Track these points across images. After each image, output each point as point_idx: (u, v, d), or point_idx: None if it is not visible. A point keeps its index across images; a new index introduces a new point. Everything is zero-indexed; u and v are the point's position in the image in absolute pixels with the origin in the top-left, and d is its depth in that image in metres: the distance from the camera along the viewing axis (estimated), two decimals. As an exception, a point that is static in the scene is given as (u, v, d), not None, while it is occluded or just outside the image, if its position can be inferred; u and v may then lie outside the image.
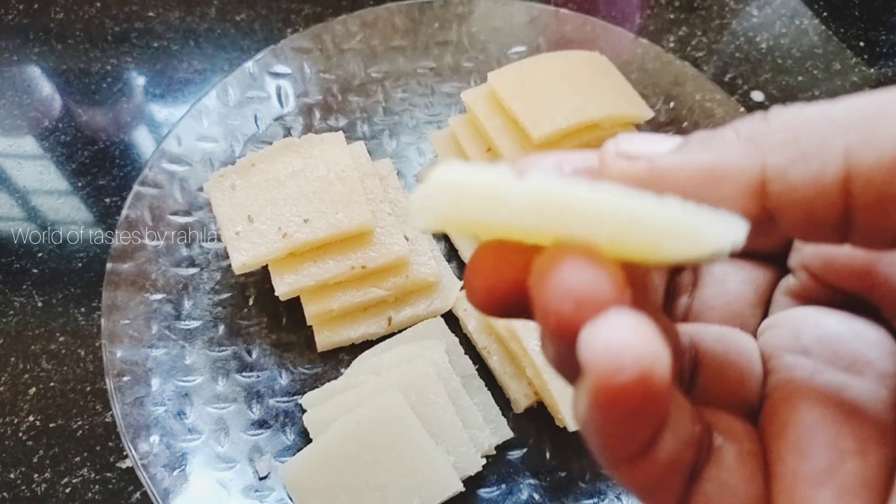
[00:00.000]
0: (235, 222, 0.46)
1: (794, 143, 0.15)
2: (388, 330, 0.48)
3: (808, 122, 0.15)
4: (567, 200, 0.16)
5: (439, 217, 0.16)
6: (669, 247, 0.15)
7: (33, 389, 0.46)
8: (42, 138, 0.57)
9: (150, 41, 0.64)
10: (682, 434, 0.17)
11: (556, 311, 0.16)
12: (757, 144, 0.16)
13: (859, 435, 0.17)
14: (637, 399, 0.14)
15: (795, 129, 0.15)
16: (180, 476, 0.42)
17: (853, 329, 0.20)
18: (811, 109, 0.16)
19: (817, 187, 0.15)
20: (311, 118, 0.58)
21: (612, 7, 0.69)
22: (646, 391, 0.14)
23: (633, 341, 0.14)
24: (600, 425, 0.15)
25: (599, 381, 0.14)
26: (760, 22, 0.69)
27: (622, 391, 0.14)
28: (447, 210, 0.15)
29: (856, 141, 0.15)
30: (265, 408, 0.46)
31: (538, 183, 0.16)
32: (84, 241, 0.52)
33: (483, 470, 0.42)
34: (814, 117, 0.15)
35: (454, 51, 0.61)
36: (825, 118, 0.15)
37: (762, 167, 0.16)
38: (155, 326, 0.47)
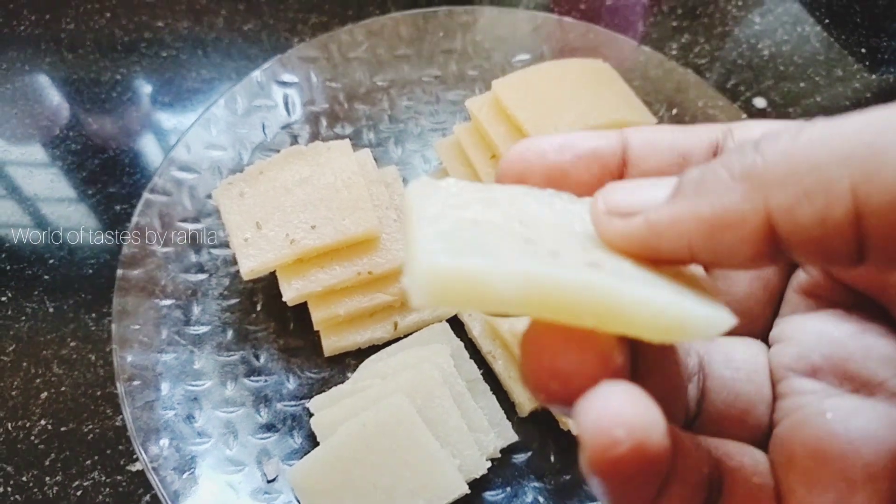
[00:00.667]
0: (244, 229, 0.47)
1: (795, 179, 0.14)
2: (395, 335, 0.49)
3: (806, 155, 0.14)
4: (552, 288, 0.16)
5: (435, 301, 0.16)
6: (654, 333, 0.16)
7: (45, 394, 0.47)
8: (52, 147, 0.58)
9: (159, 50, 0.65)
10: (690, 481, 0.17)
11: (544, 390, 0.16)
12: (755, 184, 0.15)
13: (869, 462, 0.17)
14: (634, 468, 0.14)
15: (794, 164, 0.14)
16: (190, 479, 0.42)
17: (864, 345, 0.19)
18: (806, 137, 0.15)
19: (828, 226, 0.14)
20: (318, 126, 0.59)
21: (615, 15, 0.70)
22: (642, 460, 0.14)
23: (624, 414, 0.14)
24: (602, 489, 0.15)
25: (595, 455, 0.14)
26: (762, 29, 0.69)
27: (618, 463, 0.14)
28: (440, 299, 0.16)
29: (861, 176, 0.14)
30: (273, 412, 0.46)
31: (522, 272, 0.15)
32: (94, 248, 0.53)
33: (488, 473, 0.42)
34: (811, 148, 0.14)
35: (459, 59, 0.62)
36: (824, 149, 0.14)
37: (766, 209, 0.15)
38: (164, 331, 0.47)
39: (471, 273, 0.15)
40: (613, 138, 0.21)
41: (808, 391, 0.20)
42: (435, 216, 0.17)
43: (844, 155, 0.14)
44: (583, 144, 0.20)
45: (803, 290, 0.22)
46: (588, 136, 0.21)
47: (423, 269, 0.15)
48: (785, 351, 0.21)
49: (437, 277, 0.15)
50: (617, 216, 0.17)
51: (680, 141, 0.20)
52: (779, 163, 0.15)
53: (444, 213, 0.17)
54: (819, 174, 0.14)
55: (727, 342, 0.22)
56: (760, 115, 0.63)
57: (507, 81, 0.52)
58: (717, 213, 0.15)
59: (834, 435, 0.18)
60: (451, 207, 0.18)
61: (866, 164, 0.14)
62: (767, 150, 0.15)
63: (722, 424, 0.21)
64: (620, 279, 0.16)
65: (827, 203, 0.14)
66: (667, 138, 0.20)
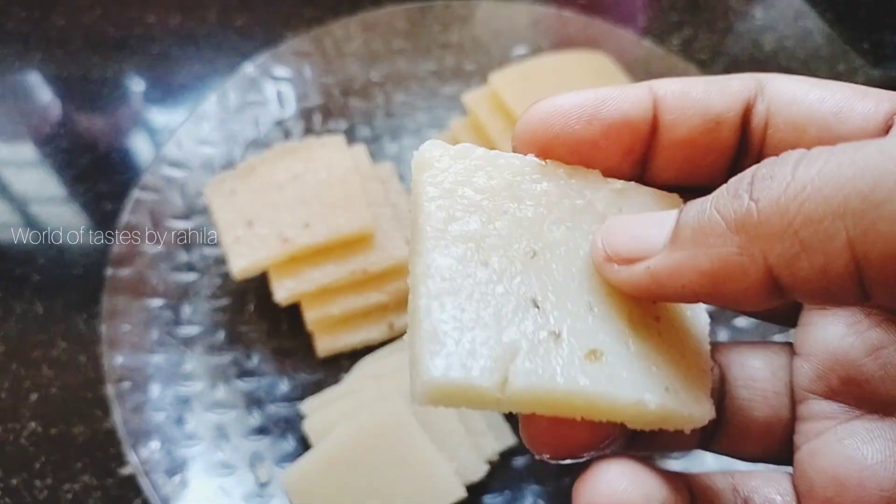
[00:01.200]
0: (235, 227, 0.46)
1: (791, 232, 0.14)
2: (390, 335, 0.48)
3: (800, 206, 0.14)
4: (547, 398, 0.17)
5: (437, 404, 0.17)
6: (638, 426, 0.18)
7: (34, 396, 0.46)
8: (42, 144, 0.57)
9: (150, 47, 0.64)
10: None
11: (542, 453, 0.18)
12: (751, 236, 0.15)
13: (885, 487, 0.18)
14: None
15: (788, 216, 0.14)
16: (181, 482, 0.42)
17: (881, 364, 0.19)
18: (800, 182, 0.14)
19: (829, 277, 0.14)
20: (312, 122, 0.58)
21: (616, 8, 0.69)
22: None
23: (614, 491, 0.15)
24: None
25: None
26: (765, 23, 0.68)
27: None
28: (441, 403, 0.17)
29: (857, 231, 0.13)
30: (265, 414, 0.45)
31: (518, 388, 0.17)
32: (84, 247, 0.52)
33: (486, 477, 0.42)
34: (805, 198, 0.14)
35: (456, 53, 0.61)
36: (818, 199, 0.14)
37: (765, 261, 0.15)
38: (155, 332, 0.47)
39: (470, 388, 0.16)
40: (643, 101, 0.20)
41: (826, 415, 0.20)
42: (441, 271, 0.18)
43: (839, 207, 0.13)
44: (612, 113, 0.20)
45: None
46: (616, 100, 0.20)
47: (424, 382, 0.16)
48: (804, 370, 0.21)
49: (439, 390, 0.16)
50: (618, 263, 0.18)
51: (713, 102, 0.20)
52: (773, 214, 0.14)
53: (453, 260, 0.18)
54: (815, 228, 0.14)
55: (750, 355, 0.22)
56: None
57: (504, 75, 0.51)
58: (717, 266, 0.15)
59: (851, 461, 0.18)
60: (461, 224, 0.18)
61: (862, 218, 0.13)
62: (761, 196, 0.15)
63: (741, 442, 0.21)
64: (617, 379, 0.17)
65: (825, 257, 0.14)
66: (699, 99, 0.20)
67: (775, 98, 0.20)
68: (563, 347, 0.17)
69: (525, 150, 0.20)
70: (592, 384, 0.17)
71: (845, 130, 0.18)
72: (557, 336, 0.17)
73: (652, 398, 0.17)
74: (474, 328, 0.17)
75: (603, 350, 0.18)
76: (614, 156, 0.20)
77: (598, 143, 0.20)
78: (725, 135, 0.20)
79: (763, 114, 0.20)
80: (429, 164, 0.19)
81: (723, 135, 0.20)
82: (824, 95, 0.19)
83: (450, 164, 0.19)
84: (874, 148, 0.14)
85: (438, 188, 0.19)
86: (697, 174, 0.21)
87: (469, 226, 0.18)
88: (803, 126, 0.19)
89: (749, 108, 0.20)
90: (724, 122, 0.20)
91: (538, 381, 0.17)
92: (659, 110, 0.20)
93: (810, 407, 0.20)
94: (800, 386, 0.21)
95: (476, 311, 0.17)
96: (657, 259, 0.17)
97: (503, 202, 0.19)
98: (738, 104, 0.20)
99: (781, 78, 0.20)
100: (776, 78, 0.20)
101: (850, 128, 0.18)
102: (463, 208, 0.19)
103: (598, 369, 0.17)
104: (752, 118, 0.20)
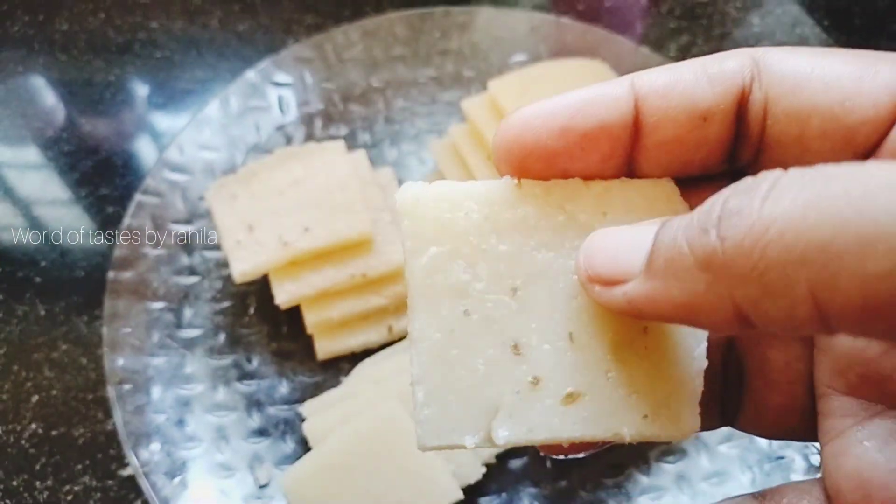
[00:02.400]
0: (236, 231, 0.46)
1: (755, 276, 0.14)
2: (389, 338, 0.48)
3: (762, 250, 0.14)
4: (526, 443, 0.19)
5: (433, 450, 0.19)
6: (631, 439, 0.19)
7: (35, 397, 0.47)
8: (46, 148, 0.58)
9: (153, 51, 0.64)
10: None
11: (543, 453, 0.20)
12: (718, 276, 0.15)
13: None
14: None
15: (752, 259, 0.14)
16: (181, 484, 0.42)
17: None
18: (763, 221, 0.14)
19: (793, 319, 0.14)
20: (313, 127, 0.58)
21: (614, 15, 0.70)
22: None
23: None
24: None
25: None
26: (762, 30, 0.69)
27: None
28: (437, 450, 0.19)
29: (818, 282, 0.13)
30: (265, 416, 0.46)
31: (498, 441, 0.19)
32: (86, 250, 0.53)
33: (483, 479, 0.42)
34: (768, 241, 0.14)
35: (455, 59, 0.62)
36: (781, 245, 0.14)
37: (732, 301, 0.15)
38: (156, 335, 0.47)
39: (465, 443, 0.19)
40: (622, 103, 0.19)
41: (846, 412, 0.19)
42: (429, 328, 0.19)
43: (800, 256, 0.13)
44: (587, 121, 0.19)
45: None
46: (592, 104, 0.19)
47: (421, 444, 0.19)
48: (823, 364, 0.20)
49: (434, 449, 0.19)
50: (599, 284, 0.18)
51: (700, 96, 0.19)
52: (738, 255, 0.14)
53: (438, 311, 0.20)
54: (777, 274, 0.14)
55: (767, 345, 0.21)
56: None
57: (503, 82, 0.51)
58: (688, 300, 0.15)
59: (874, 465, 0.18)
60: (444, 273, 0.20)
61: (822, 270, 0.13)
62: (727, 235, 0.14)
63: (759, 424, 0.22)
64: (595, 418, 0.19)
65: (790, 303, 0.14)
66: (685, 95, 0.19)
67: (774, 84, 0.18)
68: (543, 394, 0.19)
69: (503, 168, 0.20)
70: (569, 429, 0.19)
71: (852, 121, 0.17)
72: (537, 383, 0.19)
73: (628, 430, 0.19)
74: (460, 392, 0.19)
75: (581, 391, 0.19)
76: (594, 164, 0.20)
77: (573, 154, 0.19)
78: (716, 129, 0.19)
79: (761, 102, 0.19)
80: (409, 212, 0.20)
81: (712, 130, 0.19)
82: (829, 80, 0.18)
83: (428, 208, 0.20)
84: (841, 187, 0.13)
85: (420, 239, 0.19)
86: (690, 168, 0.20)
87: (451, 276, 0.19)
88: (806, 117, 0.18)
89: (744, 96, 0.19)
90: (713, 118, 0.19)
91: (519, 435, 0.19)
92: (641, 112, 0.19)
93: (831, 403, 0.20)
94: (820, 381, 0.20)
95: (461, 372, 0.19)
96: (633, 286, 0.17)
97: (484, 239, 0.20)
98: (731, 96, 0.19)
99: (780, 56, 0.19)
100: (774, 57, 0.19)
101: (857, 118, 0.17)
102: (445, 256, 0.19)
103: (576, 412, 0.19)
104: (749, 108, 0.19)
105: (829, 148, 0.18)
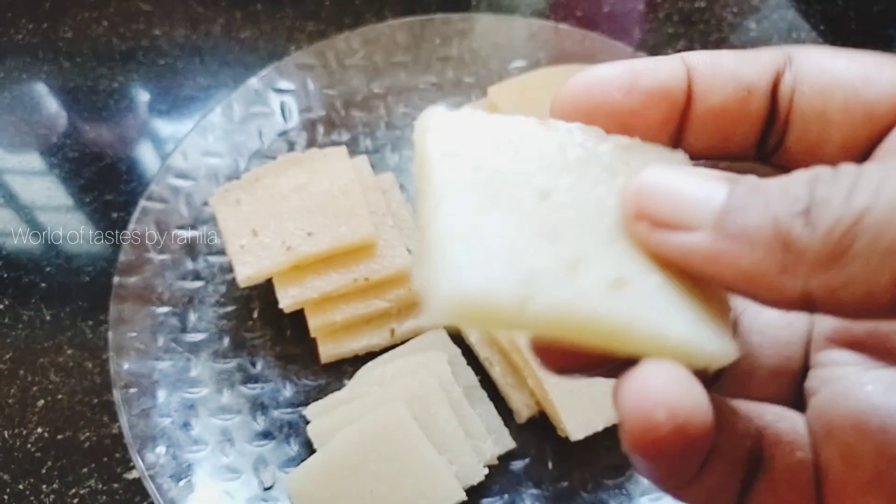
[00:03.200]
0: (240, 236, 0.47)
1: (839, 266, 0.14)
2: (392, 341, 0.49)
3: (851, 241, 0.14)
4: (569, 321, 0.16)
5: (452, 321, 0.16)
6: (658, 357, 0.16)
7: (41, 402, 0.47)
8: (50, 155, 0.58)
9: (156, 59, 0.65)
10: (732, 456, 0.17)
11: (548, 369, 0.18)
12: (796, 258, 0.15)
13: None
14: (674, 449, 0.14)
15: (839, 249, 0.14)
16: (186, 486, 0.42)
17: None
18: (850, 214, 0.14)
19: (867, 306, 0.14)
20: (315, 133, 0.59)
21: (612, 21, 0.70)
22: (683, 442, 0.14)
23: (665, 395, 0.14)
24: (643, 466, 0.16)
25: (634, 437, 0.14)
26: (758, 36, 0.70)
27: (658, 444, 0.14)
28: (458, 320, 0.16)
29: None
30: (269, 419, 0.46)
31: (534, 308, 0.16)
32: (91, 256, 0.53)
33: (485, 480, 0.42)
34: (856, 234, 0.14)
35: (455, 66, 0.62)
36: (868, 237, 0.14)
37: (804, 286, 0.15)
38: (161, 339, 0.47)
39: (495, 302, 0.15)
40: (678, 71, 0.20)
41: (847, 362, 0.19)
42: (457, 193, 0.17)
43: (888, 247, 0.14)
44: (650, 82, 0.20)
45: None
46: (653, 70, 0.20)
47: (447, 293, 0.15)
48: (827, 318, 0.20)
49: (461, 303, 0.15)
50: (650, 224, 0.17)
51: (744, 71, 0.20)
52: (824, 244, 0.14)
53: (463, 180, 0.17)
54: (862, 264, 0.14)
55: None
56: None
57: (503, 88, 0.52)
58: (757, 272, 0.15)
59: (874, 408, 0.18)
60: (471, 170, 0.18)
61: None
62: (816, 223, 0.15)
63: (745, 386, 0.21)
64: (640, 308, 0.16)
65: (868, 290, 0.14)
66: (730, 68, 0.20)
67: (803, 66, 0.20)
68: (587, 274, 0.17)
69: (565, 119, 0.20)
70: (615, 311, 0.16)
71: (872, 94, 0.18)
72: (579, 263, 0.17)
73: (675, 330, 0.16)
74: (493, 247, 0.16)
75: (628, 279, 0.17)
76: (653, 125, 0.20)
77: (637, 111, 0.20)
78: (756, 104, 0.20)
79: (790, 82, 0.20)
80: (432, 128, 0.19)
81: (754, 104, 0.20)
82: (851, 63, 0.19)
83: (452, 126, 0.19)
84: None
85: (443, 149, 0.18)
86: (728, 146, 0.21)
87: (477, 178, 0.18)
88: (830, 91, 0.19)
89: (778, 77, 0.20)
90: (755, 91, 0.20)
91: (558, 307, 0.16)
92: (692, 80, 0.20)
93: (831, 355, 0.20)
94: (821, 334, 0.20)
95: (493, 237, 0.17)
96: (696, 237, 0.16)
97: (508, 156, 0.19)
98: (769, 74, 0.20)
99: (810, 48, 0.20)
100: (804, 49, 0.20)
101: (877, 91, 0.18)
102: (469, 164, 0.18)
103: (622, 297, 0.16)
104: (781, 87, 0.20)
105: (850, 121, 0.19)
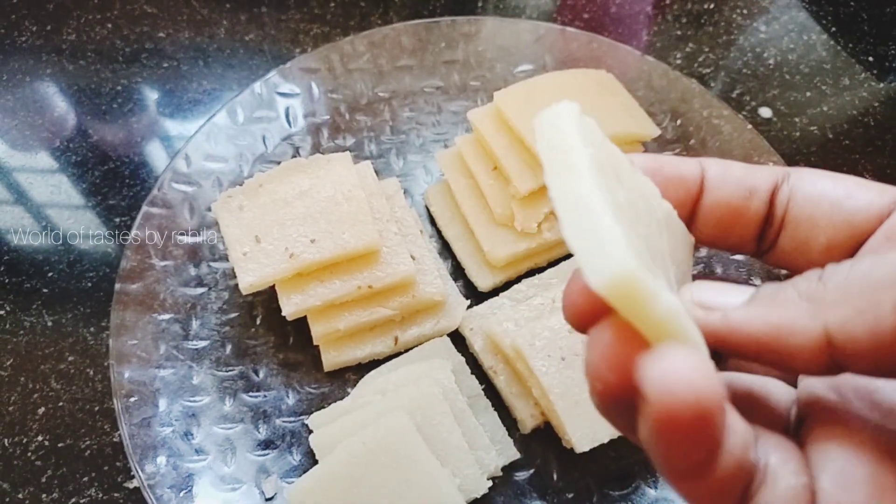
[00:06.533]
0: (243, 242, 0.46)
1: (850, 301, 0.18)
2: (395, 349, 0.48)
3: (859, 281, 0.18)
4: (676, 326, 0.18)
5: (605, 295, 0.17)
6: None
7: (42, 409, 0.47)
8: (54, 157, 0.58)
9: (161, 61, 0.64)
10: (737, 456, 0.19)
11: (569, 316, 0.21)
12: (817, 305, 0.19)
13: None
14: (692, 423, 0.16)
15: (849, 290, 0.18)
16: (186, 497, 0.42)
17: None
18: (861, 268, 0.19)
19: (877, 336, 0.17)
20: (320, 137, 0.58)
21: (619, 24, 0.70)
22: (700, 416, 0.16)
23: (687, 373, 0.16)
24: (661, 445, 0.17)
25: (658, 408, 0.16)
26: (768, 37, 0.69)
27: (678, 416, 0.16)
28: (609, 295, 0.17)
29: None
30: (272, 428, 0.46)
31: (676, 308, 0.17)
32: (94, 261, 0.53)
33: (489, 491, 0.42)
34: (863, 275, 0.18)
35: (461, 70, 0.62)
36: (874, 276, 0.18)
37: (824, 324, 0.18)
38: (163, 346, 0.47)
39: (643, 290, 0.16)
40: (695, 167, 0.25)
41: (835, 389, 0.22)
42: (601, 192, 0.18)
43: (888, 281, 0.17)
44: (672, 171, 0.25)
45: None
46: (675, 163, 0.25)
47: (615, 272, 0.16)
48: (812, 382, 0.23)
49: (622, 283, 0.16)
50: (701, 309, 0.21)
51: (748, 176, 0.25)
52: (837, 289, 0.19)
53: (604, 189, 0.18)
54: (869, 296, 0.18)
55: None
56: (765, 126, 0.62)
57: (509, 92, 0.51)
58: (784, 321, 0.19)
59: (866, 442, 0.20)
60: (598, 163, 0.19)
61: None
62: (829, 280, 0.19)
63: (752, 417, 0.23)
64: None
65: (875, 319, 0.17)
66: (737, 173, 0.25)
67: (797, 181, 0.24)
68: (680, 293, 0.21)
69: None
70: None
71: (852, 206, 0.23)
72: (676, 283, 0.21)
73: None
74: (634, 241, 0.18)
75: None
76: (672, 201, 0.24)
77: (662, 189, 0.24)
78: (756, 204, 0.24)
79: (787, 192, 0.24)
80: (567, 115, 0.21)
81: (754, 204, 0.24)
82: (836, 182, 0.24)
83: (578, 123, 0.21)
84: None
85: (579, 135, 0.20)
86: (730, 238, 0.25)
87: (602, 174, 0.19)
88: (818, 201, 0.24)
89: (777, 186, 0.24)
90: (756, 193, 0.24)
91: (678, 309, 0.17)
92: (706, 177, 0.25)
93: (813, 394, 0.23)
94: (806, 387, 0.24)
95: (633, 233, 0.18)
96: (734, 310, 0.20)
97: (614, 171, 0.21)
98: (769, 182, 0.24)
99: (803, 168, 0.25)
100: (800, 169, 0.25)
101: (856, 205, 0.23)
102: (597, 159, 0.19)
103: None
104: (778, 195, 0.24)
105: (833, 225, 0.23)
